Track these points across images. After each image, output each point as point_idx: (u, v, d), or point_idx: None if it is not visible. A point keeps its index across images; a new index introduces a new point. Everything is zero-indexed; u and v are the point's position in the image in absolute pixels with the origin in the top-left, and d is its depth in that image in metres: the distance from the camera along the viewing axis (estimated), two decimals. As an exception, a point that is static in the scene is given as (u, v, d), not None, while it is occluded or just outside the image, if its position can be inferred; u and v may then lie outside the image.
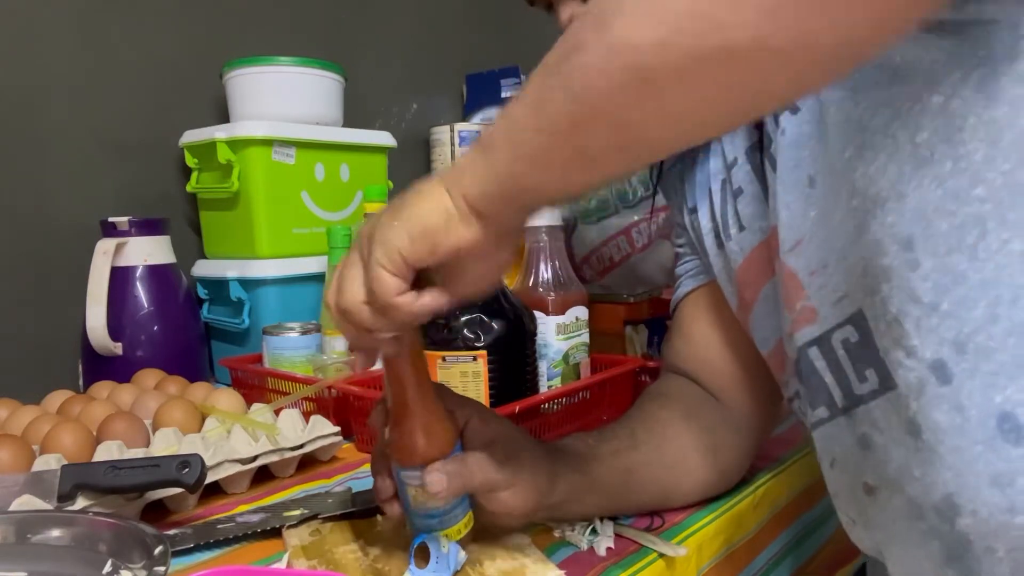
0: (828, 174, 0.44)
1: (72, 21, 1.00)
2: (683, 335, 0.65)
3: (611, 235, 1.19)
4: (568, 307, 0.80)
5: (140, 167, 1.07)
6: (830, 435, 0.49)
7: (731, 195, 0.56)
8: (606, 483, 0.53)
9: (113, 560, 0.47)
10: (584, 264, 1.24)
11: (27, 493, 0.54)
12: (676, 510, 0.58)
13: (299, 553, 0.50)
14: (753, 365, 0.60)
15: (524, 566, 0.48)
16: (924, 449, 0.40)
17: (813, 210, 0.46)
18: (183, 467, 0.53)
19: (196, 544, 0.52)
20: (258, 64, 1.05)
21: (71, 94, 1.00)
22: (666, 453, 0.57)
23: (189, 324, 1.00)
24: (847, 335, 0.44)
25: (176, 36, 1.11)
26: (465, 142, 1.32)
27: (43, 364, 0.97)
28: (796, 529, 0.71)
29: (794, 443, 0.74)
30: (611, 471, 0.53)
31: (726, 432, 0.60)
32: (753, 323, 0.57)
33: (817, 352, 0.47)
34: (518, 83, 1.45)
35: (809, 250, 0.46)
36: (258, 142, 0.99)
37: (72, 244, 0.97)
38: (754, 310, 0.56)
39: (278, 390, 0.84)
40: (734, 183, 0.55)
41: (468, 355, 0.67)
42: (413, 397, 0.46)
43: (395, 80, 1.43)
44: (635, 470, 0.55)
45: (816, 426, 0.50)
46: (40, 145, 0.98)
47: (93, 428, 0.67)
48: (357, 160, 1.12)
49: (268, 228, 1.01)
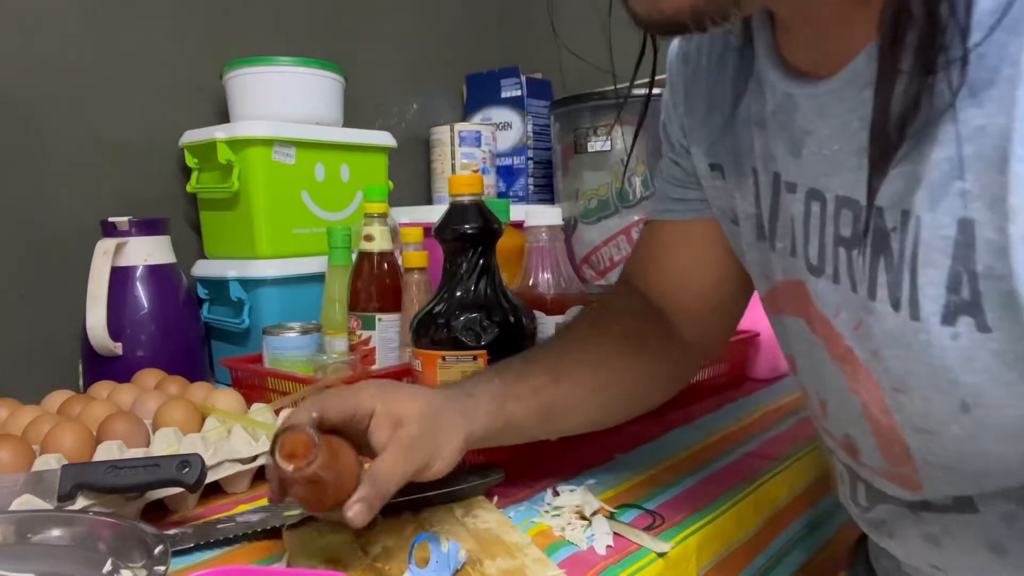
0: None
1: (72, 21, 1.00)
2: (659, 264, 0.64)
3: (611, 235, 1.20)
4: (568, 307, 0.80)
5: (140, 167, 1.07)
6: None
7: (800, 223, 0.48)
8: (523, 423, 0.55)
9: (113, 560, 0.47)
10: (584, 264, 1.24)
11: (27, 493, 0.54)
12: (676, 510, 0.58)
13: (299, 553, 0.50)
14: (720, 311, 0.61)
15: (524, 565, 0.48)
16: None
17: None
18: (183, 467, 0.54)
19: (196, 544, 0.52)
20: (258, 64, 1.05)
21: (71, 94, 1.00)
22: (586, 388, 0.58)
23: (189, 324, 1.00)
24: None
25: (176, 36, 1.11)
26: (465, 142, 1.32)
27: (43, 364, 0.97)
28: (796, 529, 0.71)
29: (794, 442, 0.74)
30: (529, 411, 0.55)
31: (657, 367, 0.62)
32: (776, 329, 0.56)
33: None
34: (518, 83, 1.45)
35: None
36: (258, 142, 0.99)
37: (72, 244, 0.97)
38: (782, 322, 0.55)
39: (278, 390, 0.84)
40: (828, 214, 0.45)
41: (468, 355, 0.67)
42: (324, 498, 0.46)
43: (395, 80, 1.43)
44: (553, 407, 0.57)
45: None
46: (40, 145, 0.98)
47: (93, 428, 0.67)
48: (357, 160, 1.12)
49: (268, 228, 1.01)
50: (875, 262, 0.41)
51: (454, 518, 0.55)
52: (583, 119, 1.23)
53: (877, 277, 0.41)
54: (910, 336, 0.39)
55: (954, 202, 0.36)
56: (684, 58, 0.58)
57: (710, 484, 0.64)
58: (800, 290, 0.49)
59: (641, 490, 0.62)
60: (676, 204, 0.62)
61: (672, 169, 0.62)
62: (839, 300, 0.45)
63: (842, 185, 0.43)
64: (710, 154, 0.56)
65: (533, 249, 0.81)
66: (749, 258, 0.56)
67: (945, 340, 0.38)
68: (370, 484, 0.46)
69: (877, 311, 0.41)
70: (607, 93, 1.20)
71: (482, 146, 1.34)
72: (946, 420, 0.40)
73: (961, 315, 0.37)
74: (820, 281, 0.46)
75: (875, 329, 0.42)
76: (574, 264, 1.20)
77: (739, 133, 0.52)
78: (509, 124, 1.46)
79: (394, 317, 0.87)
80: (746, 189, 0.53)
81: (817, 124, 0.44)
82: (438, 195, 1.36)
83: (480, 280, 0.68)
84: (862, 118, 0.40)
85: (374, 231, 0.88)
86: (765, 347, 0.98)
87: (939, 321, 0.38)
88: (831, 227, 0.44)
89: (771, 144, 0.48)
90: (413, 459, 0.48)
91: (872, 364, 0.43)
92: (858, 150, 0.41)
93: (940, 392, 0.40)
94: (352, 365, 0.83)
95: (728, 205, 0.56)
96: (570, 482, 0.63)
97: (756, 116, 0.50)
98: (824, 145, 0.43)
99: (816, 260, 0.46)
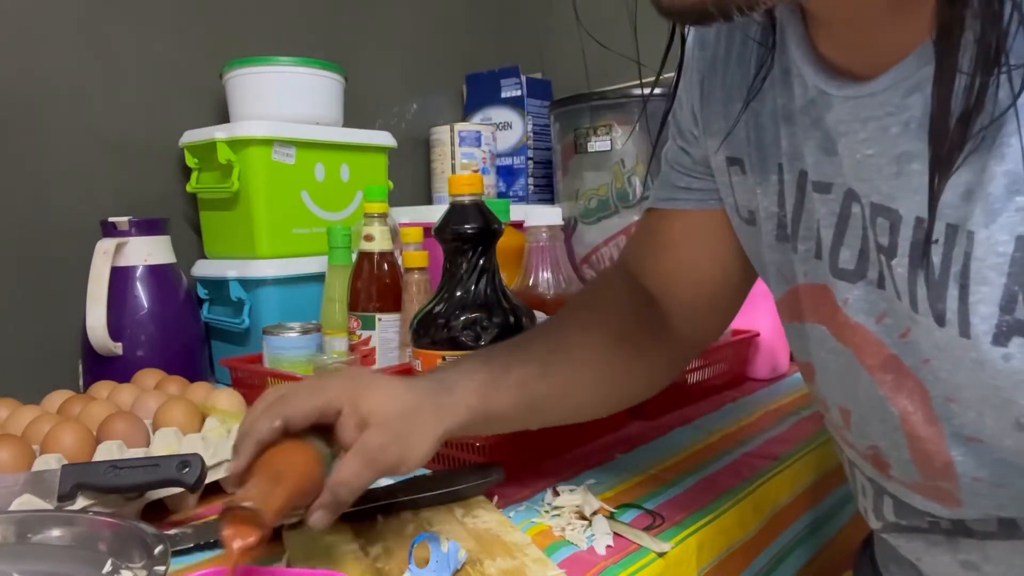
0: None
1: (72, 21, 1.00)
2: (658, 253, 0.62)
3: (611, 235, 1.20)
4: (568, 307, 0.80)
5: (140, 167, 1.07)
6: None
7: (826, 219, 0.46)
8: (506, 415, 0.54)
9: (113, 560, 0.47)
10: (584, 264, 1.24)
11: (27, 493, 0.54)
12: (676, 510, 0.58)
13: (299, 553, 0.50)
14: (716, 306, 0.59)
15: (524, 565, 0.48)
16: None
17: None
18: (183, 467, 0.54)
19: (196, 544, 0.52)
20: (258, 64, 1.05)
21: (71, 94, 1.00)
22: (573, 383, 0.57)
23: (189, 324, 1.00)
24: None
25: (176, 36, 1.11)
26: (465, 142, 1.32)
27: (43, 364, 0.97)
28: (797, 529, 0.71)
29: (794, 442, 0.74)
30: (513, 404, 0.54)
31: (646, 360, 0.61)
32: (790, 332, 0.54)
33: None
34: (518, 83, 1.45)
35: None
36: (258, 142, 0.99)
37: (72, 244, 0.97)
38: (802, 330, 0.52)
39: (278, 390, 0.84)
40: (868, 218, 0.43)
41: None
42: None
43: (395, 80, 1.43)
44: (537, 402, 0.55)
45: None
46: (40, 145, 0.98)
47: (93, 428, 0.67)
48: (357, 160, 1.12)
49: (268, 228, 1.01)
50: (913, 275, 0.40)
51: (454, 518, 0.55)
52: (583, 119, 1.22)
53: (916, 291, 0.40)
54: (960, 352, 0.38)
55: (1013, 218, 0.35)
56: (701, 44, 0.55)
57: (710, 484, 0.64)
58: (825, 295, 0.47)
59: (641, 490, 0.62)
60: (681, 193, 0.60)
61: (679, 156, 0.60)
62: (884, 306, 0.43)
63: (876, 192, 0.41)
64: (729, 147, 0.54)
65: (533, 249, 0.81)
66: (768, 259, 0.53)
67: (997, 360, 0.37)
68: (331, 494, 0.46)
69: (922, 324, 0.40)
70: (607, 93, 1.20)
71: (482, 146, 1.34)
72: (999, 434, 0.39)
73: (1015, 336, 0.36)
74: (857, 286, 0.44)
75: (923, 340, 0.41)
76: (574, 264, 1.20)
77: (763, 126, 0.50)
78: (509, 124, 1.46)
79: (394, 317, 0.87)
80: (769, 186, 0.50)
81: (853, 127, 0.42)
82: (438, 195, 1.36)
83: (480, 280, 0.68)
84: (904, 123, 0.39)
85: (374, 231, 0.88)
86: (765, 347, 0.98)
87: (991, 341, 0.36)
88: (872, 231, 0.42)
89: (799, 141, 0.46)
90: (377, 465, 0.47)
91: (922, 372, 0.42)
92: (897, 157, 0.39)
93: (994, 408, 0.39)
94: (352, 365, 0.83)
95: (747, 202, 0.53)
96: (570, 482, 0.63)
97: (783, 110, 0.48)
98: (858, 149, 0.42)
99: (854, 264, 0.44)
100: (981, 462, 0.42)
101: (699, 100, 0.56)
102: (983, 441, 0.41)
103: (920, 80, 0.37)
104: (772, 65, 0.48)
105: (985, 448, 0.41)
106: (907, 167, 0.39)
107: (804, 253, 0.48)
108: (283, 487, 0.44)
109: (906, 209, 0.39)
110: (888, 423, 0.45)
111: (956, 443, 0.42)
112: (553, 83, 1.51)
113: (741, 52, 0.52)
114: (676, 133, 0.60)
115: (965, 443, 0.42)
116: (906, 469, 0.46)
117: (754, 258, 0.56)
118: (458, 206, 0.69)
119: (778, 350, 1.00)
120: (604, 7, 0.60)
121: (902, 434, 0.45)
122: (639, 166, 1.18)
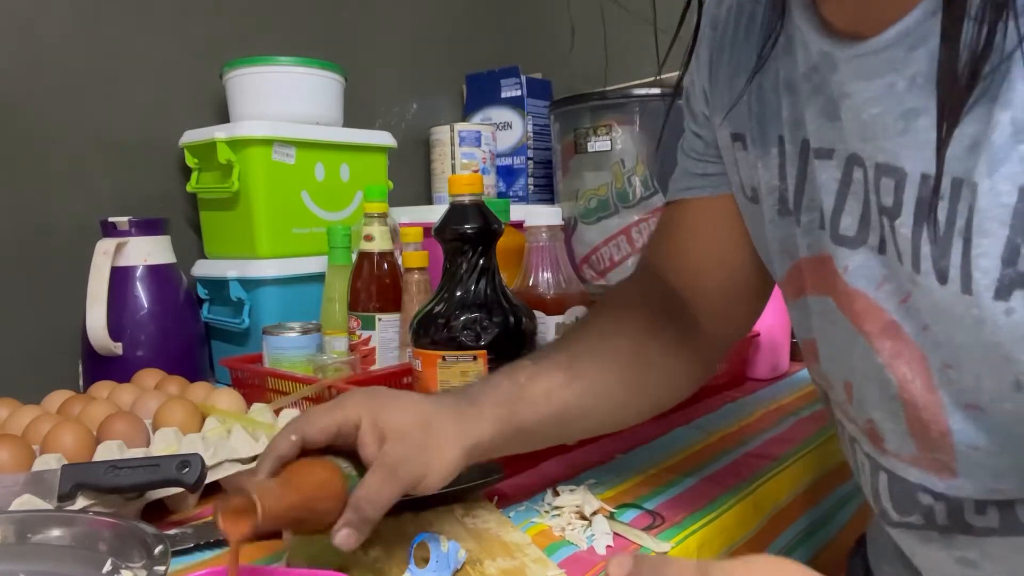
0: None
1: (72, 21, 1.00)
2: (680, 246, 0.62)
3: (611, 235, 1.20)
4: (568, 307, 0.80)
5: (140, 167, 1.07)
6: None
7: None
8: (537, 428, 0.53)
9: (113, 560, 0.47)
10: (584, 264, 1.24)
11: (27, 493, 0.54)
12: (676, 510, 0.58)
13: (299, 553, 0.50)
14: (742, 297, 0.58)
15: (524, 565, 0.48)
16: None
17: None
18: (183, 467, 0.54)
19: (196, 544, 0.52)
20: (258, 64, 1.05)
21: (71, 94, 1.00)
22: (600, 389, 0.56)
23: (189, 324, 1.00)
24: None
25: (176, 36, 1.11)
26: (465, 142, 1.32)
27: (43, 364, 0.97)
28: (797, 529, 0.71)
29: (794, 442, 0.74)
30: (542, 415, 0.53)
31: (676, 362, 0.60)
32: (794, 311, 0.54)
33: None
34: (518, 83, 1.45)
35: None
36: (258, 142, 0.99)
37: (72, 244, 0.97)
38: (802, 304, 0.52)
39: (278, 390, 0.84)
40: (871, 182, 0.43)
41: (468, 355, 0.67)
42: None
43: (395, 80, 1.43)
44: (566, 411, 0.54)
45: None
46: (40, 145, 0.98)
47: (93, 428, 0.67)
48: (357, 160, 1.12)
49: (268, 228, 1.01)
50: (918, 233, 0.39)
51: (454, 518, 0.55)
52: (583, 119, 1.23)
53: (920, 249, 0.39)
54: (961, 310, 0.38)
55: (1016, 167, 0.34)
56: (713, 24, 0.56)
57: (710, 484, 0.64)
58: (827, 266, 0.47)
59: (641, 490, 0.62)
60: (697, 180, 0.60)
61: (694, 142, 0.60)
62: (885, 272, 0.43)
63: (881, 151, 0.41)
64: (733, 122, 0.54)
65: (533, 249, 0.81)
66: (770, 236, 0.53)
67: (998, 316, 0.36)
68: (354, 510, 0.44)
69: (922, 285, 0.39)
70: (607, 93, 1.20)
71: (482, 146, 1.34)
72: (998, 397, 0.39)
73: (1017, 289, 0.35)
74: (858, 253, 0.44)
75: (922, 302, 0.40)
76: (574, 264, 1.20)
77: (765, 99, 0.50)
78: (509, 124, 1.46)
79: (394, 317, 0.87)
80: (770, 159, 0.50)
81: (857, 87, 0.41)
82: (438, 195, 1.36)
83: (480, 280, 0.68)
84: (909, 78, 0.38)
85: (374, 231, 0.88)
86: (765, 347, 0.98)
87: (992, 296, 0.36)
88: (874, 195, 0.42)
89: (801, 109, 0.46)
90: (400, 479, 0.45)
91: (921, 338, 0.42)
92: (903, 113, 0.39)
93: (993, 369, 0.38)
94: (352, 365, 0.83)
95: (750, 178, 0.54)
96: (570, 482, 0.63)
97: (785, 80, 0.48)
98: (863, 109, 0.41)
99: (855, 230, 0.44)
100: (978, 430, 0.41)
101: (708, 79, 0.56)
102: (981, 408, 0.40)
103: (925, 33, 0.37)
104: (780, 31, 0.48)
105: (983, 416, 0.41)
106: (913, 123, 0.39)
107: (807, 225, 0.48)
108: (289, 490, 0.43)
109: (912, 166, 0.39)
110: (887, 392, 0.45)
111: (954, 411, 0.42)
112: (553, 83, 1.51)
113: (749, 26, 0.52)
114: (690, 119, 0.61)
115: (963, 410, 0.41)
116: (901, 441, 0.46)
117: (757, 239, 0.56)
118: (458, 206, 0.69)
119: (778, 350, 1.00)
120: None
121: (900, 403, 0.45)
122: (639, 166, 1.18)
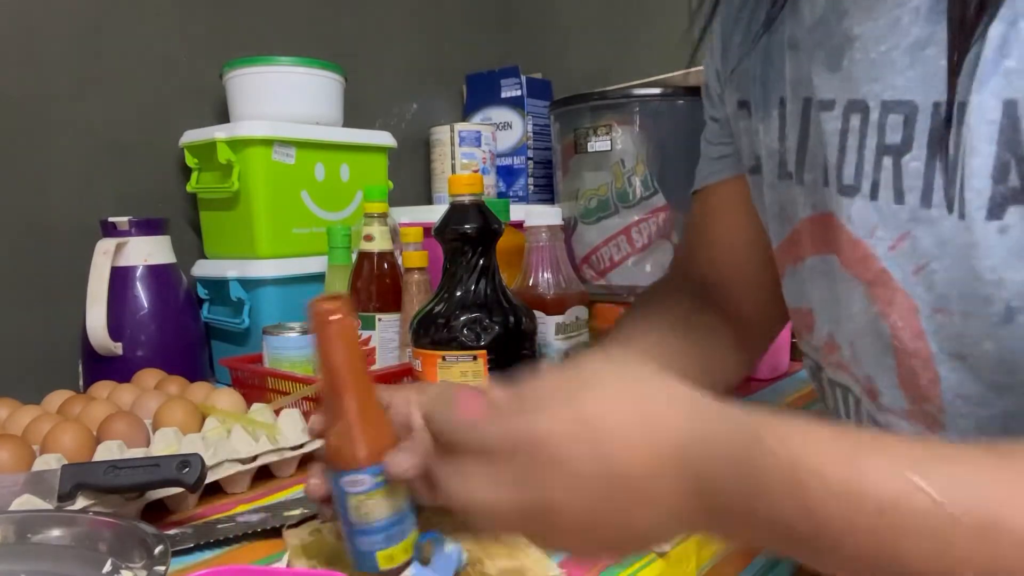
0: None
1: (72, 21, 1.00)
2: (708, 233, 0.62)
3: (611, 235, 1.19)
4: (568, 307, 0.80)
5: (140, 167, 1.07)
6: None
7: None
8: None
9: (113, 560, 0.47)
10: (584, 264, 1.24)
11: (27, 493, 0.54)
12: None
13: (299, 553, 0.50)
14: (776, 277, 0.57)
15: (524, 565, 0.48)
16: None
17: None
18: (183, 467, 0.54)
19: (196, 544, 0.52)
20: (258, 64, 1.05)
21: (71, 94, 1.00)
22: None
23: (189, 324, 1.00)
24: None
25: (176, 36, 1.11)
26: (465, 142, 1.32)
27: (43, 364, 0.97)
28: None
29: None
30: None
31: (723, 349, 0.59)
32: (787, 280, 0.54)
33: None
34: (518, 83, 1.45)
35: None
36: (258, 142, 0.99)
37: (72, 244, 0.97)
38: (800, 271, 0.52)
39: (278, 390, 0.84)
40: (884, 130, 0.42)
41: (468, 355, 0.67)
42: (351, 390, 0.42)
43: (395, 80, 1.43)
44: None
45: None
46: (40, 145, 0.98)
47: (93, 428, 0.67)
48: (357, 160, 1.12)
49: (268, 228, 1.01)
50: (931, 165, 0.39)
51: (455, 518, 0.55)
52: (583, 119, 1.22)
53: (933, 181, 0.39)
54: (960, 239, 0.38)
55: (999, 83, 0.34)
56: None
57: (710, 484, 0.64)
58: (829, 222, 0.47)
59: (641, 490, 0.62)
60: (717, 164, 0.61)
61: (711, 128, 0.62)
62: (876, 219, 0.43)
63: (890, 88, 0.41)
64: (739, 89, 0.55)
65: (533, 249, 0.81)
66: (768, 200, 0.54)
67: (992, 237, 0.36)
68: (413, 439, 0.43)
69: (932, 218, 0.39)
70: (607, 93, 1.20)
71: (482, 146, 1.34)
72: (982, 337, 0.39)
73: (1010, 205, 0.35)
74: (855, 201, 0.44)
75: (924, 241, 0.40)
76: (574, 264, 1.20)
77: (770, 59, 0.51)
78: (509, 124, 1.46)
79: (394, 317, 0.87)
80: (771, 122, 0.51)
81: (866, 27, 0.42)
82: (438, 195, 1.36)
83: (480, 280, 0.68)
84: (913, 9, 0.39)
85: (374, 231, 0.88)
86: (765, 347, 0.98)
87: (984, 216, 0.36)
88: (873, 138, 0.42)
89: (804, 65, 0.47)
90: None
91: (910, 284, 0.42)
92: (910, 46, 0.40)
93: (982, 302, 0.38)
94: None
95: (751, 147, 0.54)
96: (570, 482, 0.63)
97: (790, 38, 0.49)
98: (871, 48, 0.42)
99: (852, 179, 0.44)
100: (962, 379, 0.42)
101: (720, 57, 0.58)
102: (965, 356, 0.41)
103: None
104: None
105: (967, 364, 0.41)
106: (920, 54, 0.39)
107: (811, 184, 0.48)
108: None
109: (922, 97, 0.39)
110: (880, 343, 0.45)
111: (941, 359, 0.42)
112: (553, 83, 1.51)
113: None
114: (708, 105, 0.62)
115: (950, 360, 0.42)
116: (894, 395, 0.46)
117: (759, 209, 0.56)
118: (458, 206, 0.69)
119: (778, 350, 0.99)
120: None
121: (892, 353, 0.45)
122: (639, 166, 1.18)
